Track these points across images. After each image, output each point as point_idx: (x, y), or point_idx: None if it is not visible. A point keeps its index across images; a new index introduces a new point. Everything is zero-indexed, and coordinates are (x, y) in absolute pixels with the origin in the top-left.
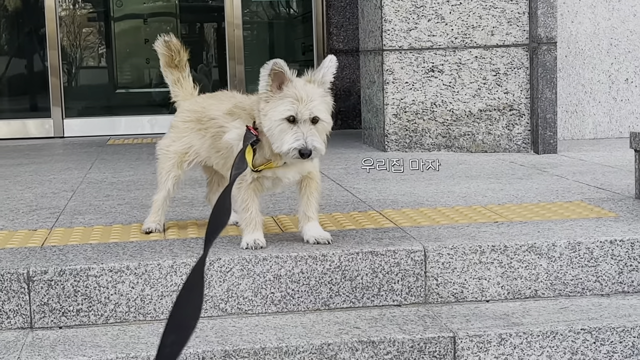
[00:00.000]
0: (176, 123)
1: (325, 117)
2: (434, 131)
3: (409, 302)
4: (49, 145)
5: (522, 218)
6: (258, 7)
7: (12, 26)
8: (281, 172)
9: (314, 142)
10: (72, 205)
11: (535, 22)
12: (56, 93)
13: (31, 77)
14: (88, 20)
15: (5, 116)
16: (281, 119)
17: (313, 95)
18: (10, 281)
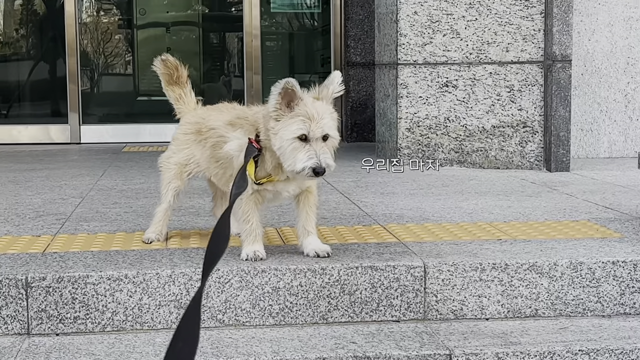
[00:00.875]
0: (177, 135)
1: (335, 134)
2: (447, 146)
3: (407, 318)
4: (65, 151)
5: (526, 236)
6: (277, 18)
7: (32, 32)
8: (282, 186)
9: (327, 160)
10: (79, 212)
11: (551, 40)
12: (74, 99)
13: (50, 83)
14: (110, 27)
15: (23, 121)
16: (293, 137)
17: (323, 113)
18: (8, 287)
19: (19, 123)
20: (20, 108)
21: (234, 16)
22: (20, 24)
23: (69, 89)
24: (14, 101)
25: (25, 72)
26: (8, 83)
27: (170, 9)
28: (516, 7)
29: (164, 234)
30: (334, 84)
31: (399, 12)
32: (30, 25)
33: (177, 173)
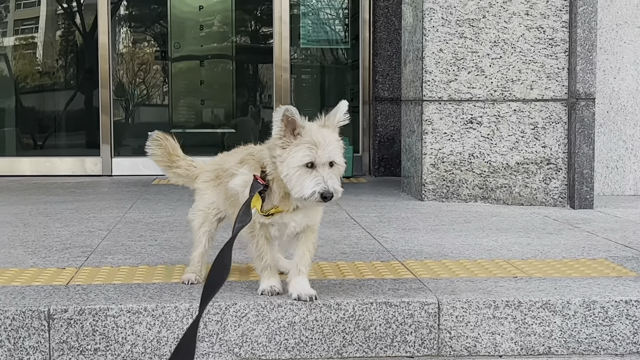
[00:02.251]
0: (198, 186)
1: (341, 161)
2: (471, 182)
3: (421, 354)
4: (96, 183)
5: (541, 274)
6: (307, 52)
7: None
8: (289, 217)
9: (335, 185)
10: (105, 245)
11: (574, 78)
12: (106, 131)
13: (84, 114)
14: (144, 59)
15: (56, 153)
16: (299, 165)
17: (329, 140)
18: (31, 318)
19: (52, 155)
20: (54, 139)
21: (266, 49)
22: (58, 55)
23: (101, 121)
24: (49, 133)
25: (61, 103)
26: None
27: (204, 42)
28: (540, 45)
29: (203, 274)
30: (340, 112)
31: (425, 50)
32: (67, 56)
33: (204, 217)
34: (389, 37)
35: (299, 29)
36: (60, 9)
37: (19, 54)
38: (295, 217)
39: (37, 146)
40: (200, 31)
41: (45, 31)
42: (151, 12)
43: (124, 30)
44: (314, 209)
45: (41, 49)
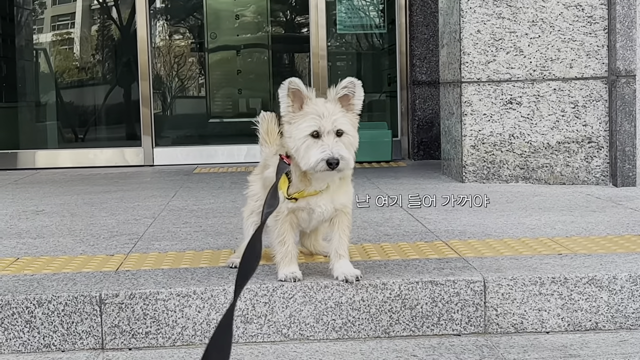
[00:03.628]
0: (250, 177)
1: (350, 131)
2: (512, 163)
3: (468, 331)
4: (139, 173)
5: (586, 250)
6: (343, 39)
7: (107, 57)
8: (314, 201)
9: (341, 152)
10: (151, 232)
11: (614, 55)
12: (147, 122)
13: (123, 106)
14: (182, 51)
15: (98, 145)
16: (305, 135)
17: (334, 111)
18: (83, 303)
19: (94, 147)
20: (95, 132)
21: (302, 37)
22: (96, 49)
23: (142, 112)
24: (90, 125)
25: (100, 97)
26: (84, 107)
27: (240, 32)
28: (579, 23)
29: None
30: (339, 86)
31: (462, 31)
32: (105, 50)
33: (251, 209)
34: (425, 20)
35: (335, 15)
36: (96, 3)
37: (57, 49)
38: (320, 202)
39: (79, 139)
40: (236, 21)
41: (82, 26)
42: (187, 4)
43: (160, 23)
44: (339, 192)
45: (79, 44)
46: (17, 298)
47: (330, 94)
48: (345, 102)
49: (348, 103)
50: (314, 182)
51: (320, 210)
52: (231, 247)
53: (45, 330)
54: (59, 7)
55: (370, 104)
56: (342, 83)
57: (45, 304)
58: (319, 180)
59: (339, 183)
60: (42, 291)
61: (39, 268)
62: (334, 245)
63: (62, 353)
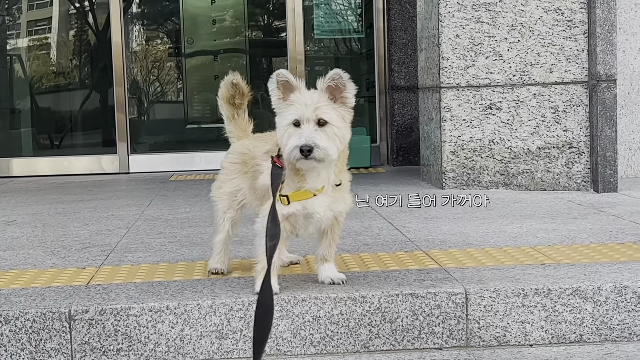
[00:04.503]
0: (225, 164)
1: (335, 122)
2: (492, 169)
3: (450, 345)
4: (114, 181)
5: (570, 260)
6: (322, 44)
7: (83, 62)
8: (311, 206)
9: (316, 140)
10: (124, 243)
11: (595, 60)
12: (122, 129)
13: (99, 113)
14: (158, 56)
15: (74, 152)
16: (287, 124)
17: (319, 100)
18: (52, 320)
19: (68, 154)
20: (71, 139)
21: (280, 42)
22: (72, 55)
23: (117, 118)
24: (66, 132)
25: (76, 103)
26: (60, 114)
27: (217, 37)
28: (559, 28)
29: (227, 263)
30: (326, 78)
31: (441, 36)
32: (81, 56)
33: (230, 203)
34: (404, 25)
35: (313, 20)
36: (72, 9)
37: (32, 55)
38: (318, 208)
39: (54, 146)
40: (214, 26)
41: (58, 32)
42: (163, 9)
43: (137, 28)
44: (338, 198)
45: (55, 50)
46: None
47: (319, 85)
48: (337, 95)
49: (340, 96)
50: (307, 179)
51: (319, 216)
52: (206, 259)
53: (13, 348)
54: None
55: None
56: (329, 74)
57: (12, 321)
58: (311, 175)
59: (338, 190)
60: (10, 307)
61: (7, 283)
62: (322, 252)
63: None
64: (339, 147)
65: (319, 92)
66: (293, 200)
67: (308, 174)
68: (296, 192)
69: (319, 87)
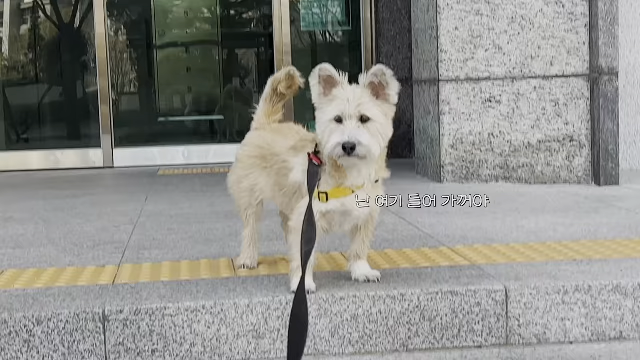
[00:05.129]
0: (241, 157)
1: (378, 118)
2: (492, 162)
3: (489, 343)
4: (100, 175)
5: (600, 255)
6: (308, 36)
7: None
8: (350, 203)
9: (358, 137)
10: (136, 240)
11: (597, 53)
12: (106, 122)
13: (80, 106)
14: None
15: (54, 146)
16: (329, 120)
17: (362, 96)
18: (85, 321)
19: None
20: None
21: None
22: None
23: (101, 111)
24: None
25: (56, 96)
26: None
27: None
28: (560, 20)
29: (256, 258)
30: (369, 73)
31: (440, 29)
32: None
33: (249, 200)
34: (391, 17)
35: (299, 11)
36: None
37: (6, 45)
38: (355, 204)
39: (31, 140)
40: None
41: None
42: None
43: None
44: (374, 194)
45: (33, 40)
46: (14, 316)
47: (361, 81)
48: (381, 91)
49: (383, 92)
50: (348, 176)
51: (357, 213)
52: (227, 256)
53: (45, 350)
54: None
55: None
56: (371, 70)
57: (44, 322)
58: (352, 171)
59: (375, 186)
60: (41, 308)
61: (29, 282)
62: (356, 248)
63: None
64: (381, 144)
65: (361, 88)
66: (332, 198)
67: (349, 170)
68: (335, 188)
69: (360, 82)
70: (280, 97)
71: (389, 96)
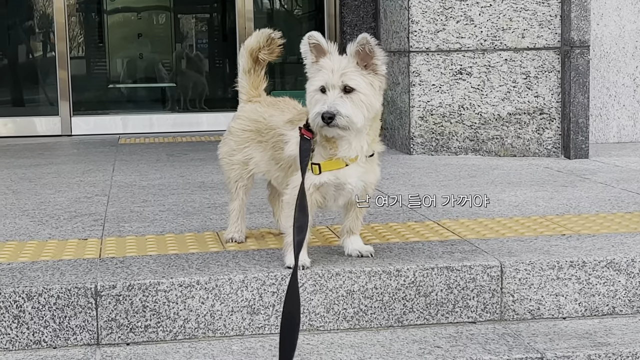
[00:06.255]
0: (235, 130)
1: (362, 89)
2: (462, 134)
3: (484, 319)
4: (59, 144)
5: (588, 231)
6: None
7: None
8: (343, 176)
9: (338, 106)
10: (113, 212)
11: (569, 26)
12: (64, 87)
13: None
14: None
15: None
16: (314, 90)
17: (345, 65)
18: (77, 296)
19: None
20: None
21: None
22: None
23: (58, 76)
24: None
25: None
26: None
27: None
28: None
29: (244, 232)
30: (355, 42)
31: None
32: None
33: (240, 172)
34: None
35: None
36: None
37: None
38: (349, 179)
39: None
40: None
41: None
42: None
43: None
44: (369, 170)
45: None
46: (4, 291)
47: (348, 50)
48: (368, 61)
49: (371, 62)
50: (339, 147)
51: (350, 187)
52: (211, 229)
53: (36, 325)
54: None
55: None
56: (357, 38)
57: (35, 297)
58: (342, 143)
59: (369, 160)
60: (30, 283)
61: (12, 255)
62: (349, 223)
63: (54, 350)
64: (365, 115)
65: (347, 58)
66: (325, 170)
67: (339, 142)
68: (328, 160)
69: (347, 51)
70: (261, 65)
71: (376, 66)
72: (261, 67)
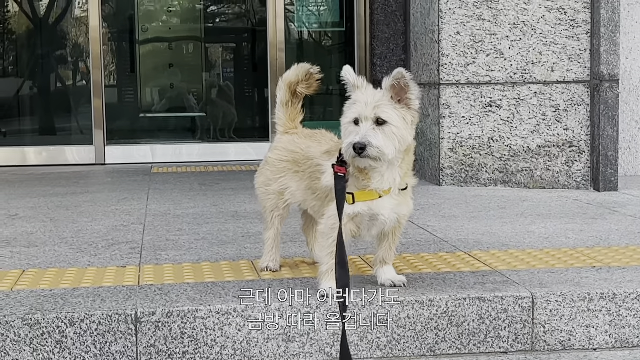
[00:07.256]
0: (272, 160)
1: (395, 122)
2: (491, 166)
3: (515, 349)
4: (94, 172)
5: (618, 263)
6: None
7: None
8: (376, 207)
9: (370, 138)
10: (149, 240)
11: (598, 60)
12: (99, 117)
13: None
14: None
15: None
16: (348, 122)
17: (379, 99)
18: (118, 322)
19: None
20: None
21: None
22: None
23: (93, 105)
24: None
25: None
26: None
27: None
28: (561, 27)
29: (279, 260)
30: (391, 77)
31: (441, 33)
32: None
33: (276, 202)
34: (386, 20)
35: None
36: None
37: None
38: (383, 210)
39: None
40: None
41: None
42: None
43: None
44: (402, 202)
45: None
46: (47, 317)
47: (383, 84)
48: (402, 95)
49: (405, 97)
50: (372, 179)
51: (383, 218)
52: (246, 257)
53: (77, 351)
54: None
55: (331, 101)
56: (393, 73)
57: (77, 323)
58: (375, 174)
59: (403, 193)
60: (72, 309)
61: (53, 282)
62: (382, 253)
63: None
64: (396, 147)
65: (382, 91)
66: (358, 200)
67: (371, 173)
68: (362, 191)
69: (383, 85)
70: (299, 98)
71: (409, 100)
72: (298, 100)
